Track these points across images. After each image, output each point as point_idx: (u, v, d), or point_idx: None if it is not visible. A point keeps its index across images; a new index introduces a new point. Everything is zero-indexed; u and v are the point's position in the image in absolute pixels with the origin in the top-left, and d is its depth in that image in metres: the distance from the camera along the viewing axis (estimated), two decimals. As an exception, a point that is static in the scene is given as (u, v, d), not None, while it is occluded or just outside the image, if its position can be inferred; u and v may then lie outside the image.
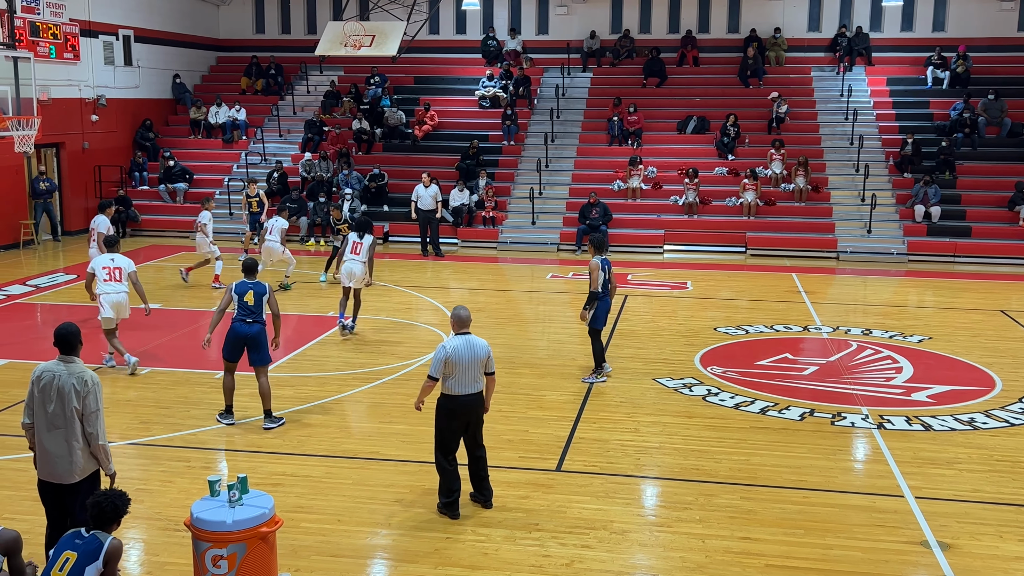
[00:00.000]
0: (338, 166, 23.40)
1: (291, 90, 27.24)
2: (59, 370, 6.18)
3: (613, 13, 27.65)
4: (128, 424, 9.74)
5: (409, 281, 17.63)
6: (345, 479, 8.44)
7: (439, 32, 28.16)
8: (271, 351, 9.93)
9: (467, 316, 7.75)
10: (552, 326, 14.89)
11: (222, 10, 29.22)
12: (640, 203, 22.50)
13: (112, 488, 5.52)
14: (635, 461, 8.96)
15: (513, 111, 24.79)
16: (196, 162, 24.76)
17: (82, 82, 22.81)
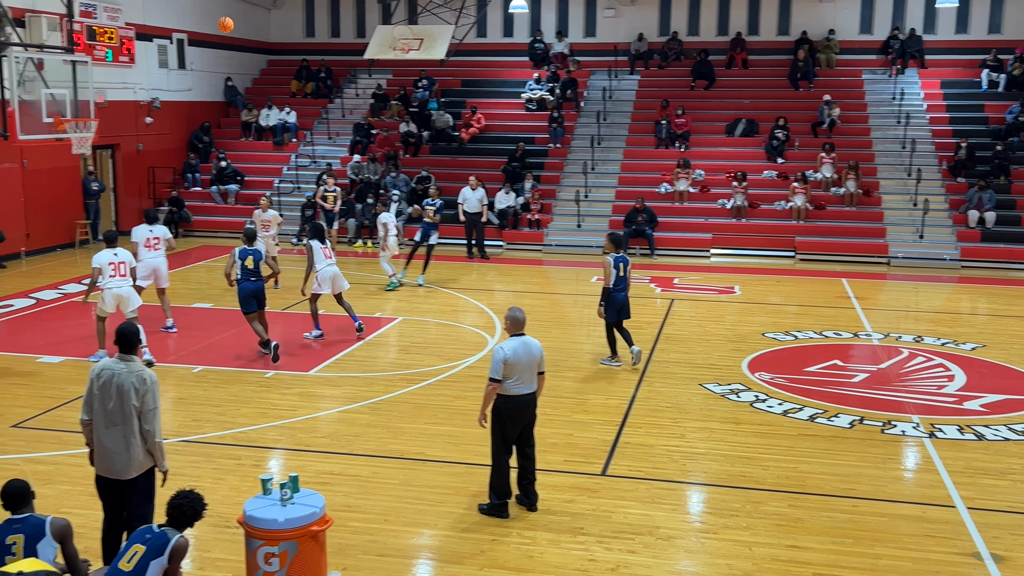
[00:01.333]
0: (386, 168, 23.59)
1: (340, 93, 27.52)
2: (118, 368, 6.32)
3: (661, 15, 27.54)
4: (181, 422, 9.92)
5: (454, 283, 17.72)
6: (392, 479, 8.52)
7: (486, 35, 28.26)
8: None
9: (523, 318, 7.83)
10: (597, 329, 14.82)
11: (273, 14, 29.61)
12: (687, 206, 22.38)
13: (194, 492, 5.64)
14: (681, 467, 8.93)
15: (559, 114, 24.80)
16: (247, 164, 25.11)
17: (137, 85, 23.26)
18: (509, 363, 7.55)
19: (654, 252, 20.94)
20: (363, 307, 15.56)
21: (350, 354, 12.77)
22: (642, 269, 19.48)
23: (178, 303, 15.30)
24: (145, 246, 13.29)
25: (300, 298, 14.59)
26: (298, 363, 12.25)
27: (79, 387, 10.31)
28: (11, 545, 5.36)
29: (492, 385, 7.62)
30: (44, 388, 11.18)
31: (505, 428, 7.71)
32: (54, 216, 20.43)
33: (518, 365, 7.58)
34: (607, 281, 12.08)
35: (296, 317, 14.91)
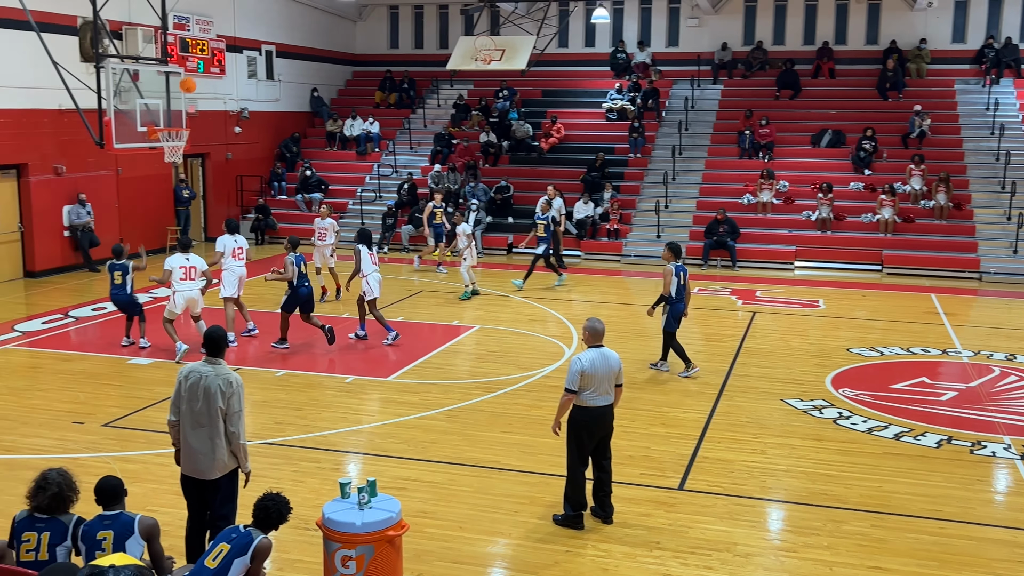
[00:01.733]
0: (465, 178, 23.78)
1: (422, 104, 27.85)
2: (206, 371, 6.49)
3: (746, 24, 27.22)
4: (264, 424, 10.13)
5: (531, 293, 17.74)
6: (467, 487, 8.55)
7: (568, 45, 28.30)
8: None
9: (601, 328, 7.77)
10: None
11: (359, 26, 30.14)
12: (771, 218, 22.03)
13: (281, 495, 5.75)
14: (761, 483, 8.76)
15: (640, 124, 24.67)
16: (331, 173, 25.57)
17: (227, 95, 23.91)
18: (586, 374, 7.50)
19: (736, 264, 20.65)
20: (442, 315, 15.70)
21: (428, 361, 12.88)
22: (723, 281, 19.23)
23: (263, 308, 15.65)
24: (232, 256, 13.59)
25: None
26: (377, 369, 12.40)
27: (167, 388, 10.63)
28: (101, 541, 5.53)
29: (567, 396, 7.58)
30: (134, 389, 11.53)
31: (581, 439, 7.66)
32: (146, 222, 21.10)
33: (595, 376, 7.53)
34: (667, 289, 12.07)
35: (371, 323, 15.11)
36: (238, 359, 12.54)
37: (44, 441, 9.63)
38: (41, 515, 5.60)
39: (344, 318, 15.12)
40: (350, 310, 15.29)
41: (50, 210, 18.77)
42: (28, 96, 17.78)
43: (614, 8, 27.59)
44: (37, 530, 5.56)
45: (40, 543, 5.53)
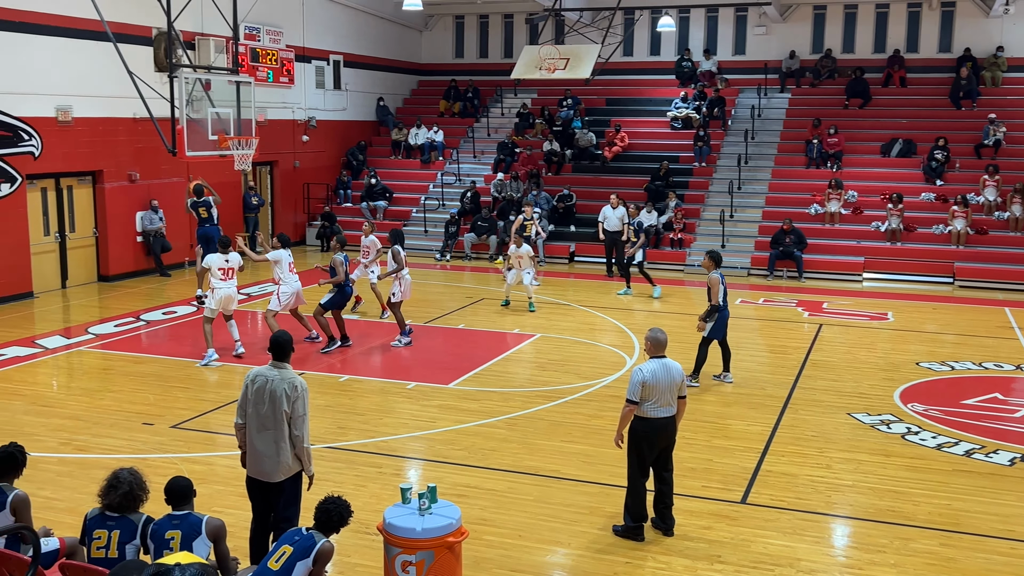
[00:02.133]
0: (528, 186, 23.82)
1: (486, 112, 28.00)
2: (272, 374, 6.60)
3: (815, 32, 26.84)
4: (327, 428, 10.25)
5: (593, 301, 17.69)
6: (527, 495, 8.55)
7: (633, 54, 28.22)
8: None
9: (664, 339, 7.74)
10: (740, 353, 14.49)
11: (424, 35, 30.44)
12: (839, 228, 21.66)
13: (342, 499, 5.82)
14: (826, 498, 8.60)
15: (706, 132, 24.47)
16: (395, 181, 25.84)
17: (295, 104, 24.32)
18: (648, 385, 7.45)
19: (802, 275, 20.34)
20: (502, 323, 15.74)
21: (488, 368, 12.92)
22: (789, 292, 18.96)
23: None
24: (290, 271, 13.52)
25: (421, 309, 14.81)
26: (439, 376, 12.48)
27: (233, 392, 10.85)
28: (169, 540, 5.65)
29: (629, 407, 7.53)
30: (201, 392, 11.78)
31: (642, 451, 7.61)
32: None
33: (657, 388, 7.47)
34: (716, 299, 11.97)
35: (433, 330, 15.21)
36: (303, 364, 12.72)
37: (114, 441, 9.87)
38: (112, 513, 5.74)
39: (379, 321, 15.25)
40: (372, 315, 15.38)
41: (124, 216, 19.29)
42: (104, 105, 18.31)
43: (680, 16, 27.43)
44: (108, 528, 5.70)
45: (111, 541, 5.67)
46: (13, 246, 16.81)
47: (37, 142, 17.15)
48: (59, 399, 11.51)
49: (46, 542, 6.02)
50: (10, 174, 16.66)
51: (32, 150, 17.09)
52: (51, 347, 13.86)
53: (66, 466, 9.15)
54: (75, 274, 18.57)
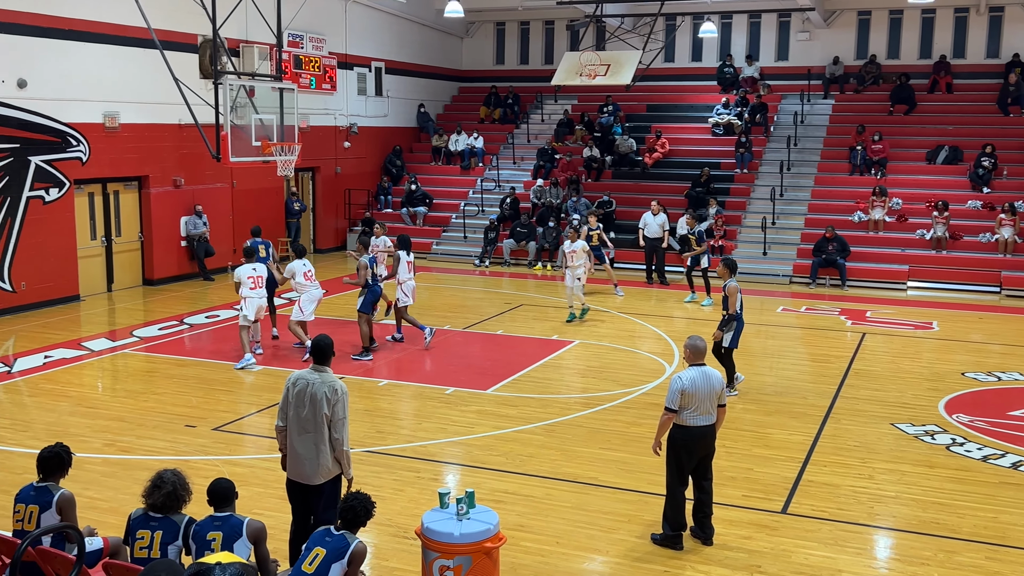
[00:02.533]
0: (567, 193, 23.80)
1: (526, 119, 28.03)
2: (313, 378, 6.65)
3: (859, 38, 26.54)
4: (366, 432, 10.31)
5: (632, 308, 17.61)
6: (564, 502, 8.52)
7: (674, 60, 28.10)
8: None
9: (704, 347, 7.70)
10: (781, 361, 14.39)
11: (465, 42, 30.56)
12: (883, 236, 21.37)
13: (362, 492, 5.85)
14: (868, 509, 8.48)
15: (748, 138, 24.29)
16: (435, 187, 25.95)
17: (337, 111, 24.53)
18: (687, 393, 7.40)
19: (845, 283, 20.10)
20: (541, 329, 15.72)
21: (527, 375, 12.91)
22: (832, 301, 18.75)
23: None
24: (305, 279, 13.52)
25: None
26: (477, 381, 12.49)
27: (274, 395, 10.94)
28: (211, 541, 5.70)
29: (667, 415, 7.48)
30: (243, 395, 11.90)
31: (681, 459, 7.56)
32: (258, 233, 21.75)
33: (696, 396, 7.42)
34: (733, 307, 11.78)
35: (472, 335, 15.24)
36: (342, 369, 12.80)
37: (158, 443, 10.01)
38: (155, 514, 5.81)
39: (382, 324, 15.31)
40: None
41: (168, 221, 19.57)
42: (151, 111, 18.61)
43: (722, 22, 27.28)
44: (151, 528, 5.77)
45: (153, 541, 5.73)
46: (61, 250, 17.13)
47: (85, 148, 17.48)
48: (104, 401, 11.70)
49: (90, 541, 6.11)
50: (58, 179, 16.99)
51: (80, 155, 17.42)
52: (97, 349, 14.10)
53: (110, 467, 9.29)
54: (120, 278, 18.88)
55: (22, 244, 16.37)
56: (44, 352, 13.76)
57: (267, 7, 17.45)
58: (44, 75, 16.52)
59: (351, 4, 24.52)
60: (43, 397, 11.67)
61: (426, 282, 19.84)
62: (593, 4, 22.72)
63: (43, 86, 16.50)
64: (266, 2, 17.50)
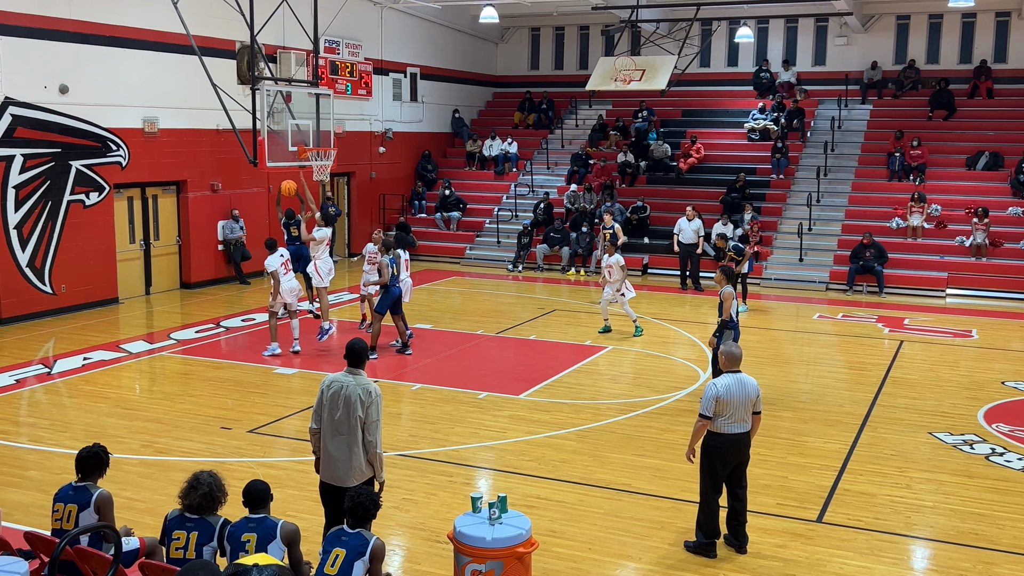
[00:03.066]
0: (601, 198, 23.76)
1: (560, 124, 28.03)
2: (347, 380, 6.69)
3: (897, 43, 26.26)
4: (398, 436, 10.35)
5: (666, 314, 17.53)
6: (597, 508, 8.49)
7: (710, 65, 27.96)
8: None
9: (739, 353, 7.62)
10: (817, 369, 14.26)
11: (500, 47, 30.63)
12: (921, 243, 21.11)
13: (361, 486, 5.88)
14: (905, 519, 8.37)
15: (784, 144, 24.11)
16: (469, 192, 26.02)
17: (372, 116, 24.69)
18: (721, 400, 7.33)
19: (883, 290, 19.86)
20: (573, 335, 15.69)
21: (559, 380, 12.89)
22: (869, 308, 18.54)
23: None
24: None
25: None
26: (509, 386, 12.50)
27: (309, 398, 11.01)
28: (245, 543, 5.75)
29: (702, 421, 7.42)
30: (278, 397, 11.99)
31: (715, 466, 7.50)
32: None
33: (731, 403, 7.34)
34: (727, 314, 11.45)
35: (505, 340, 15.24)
36: (375, 372, 12.86)
37: (194, 445, 10.11)
38: (191, 515, 5.87)
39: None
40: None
41: (206, 225, 19.79)
42: (189, 116, 18.84)
43: (758, 27, 27.11)
44: (187, 529, 5.83)
45: (189, 542, 5.79)
46: (100, 253, 17.38)
47: (125, 152, 17.73)
48: (141, 402, 11.84)
49: (127, 541, 6.18)
50: (98, 183, 17.25)
51: (120, 160, 17.67)
52: (135, 352, 14.28)
53: (147, 468, 9.40)
54: (158, 281, 19.12)
55: (62, 247, 16.62)
56: (83, 354, 13.96)
57: (304, 14, 17.60)
58: (86, 81, 16.79)
59: (387, 10, 24.68)
60: (82, 398, 11.84)
61: (459, 287, 19.93)
62: (629, 9, 22.67)
63: (84, 92, 16.77)
64: (303, 9, 17.65)
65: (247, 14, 15.72)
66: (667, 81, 21.34)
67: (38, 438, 10.29)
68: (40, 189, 16.20)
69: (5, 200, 15.64)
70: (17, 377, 12.71)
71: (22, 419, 11.15)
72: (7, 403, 11.65)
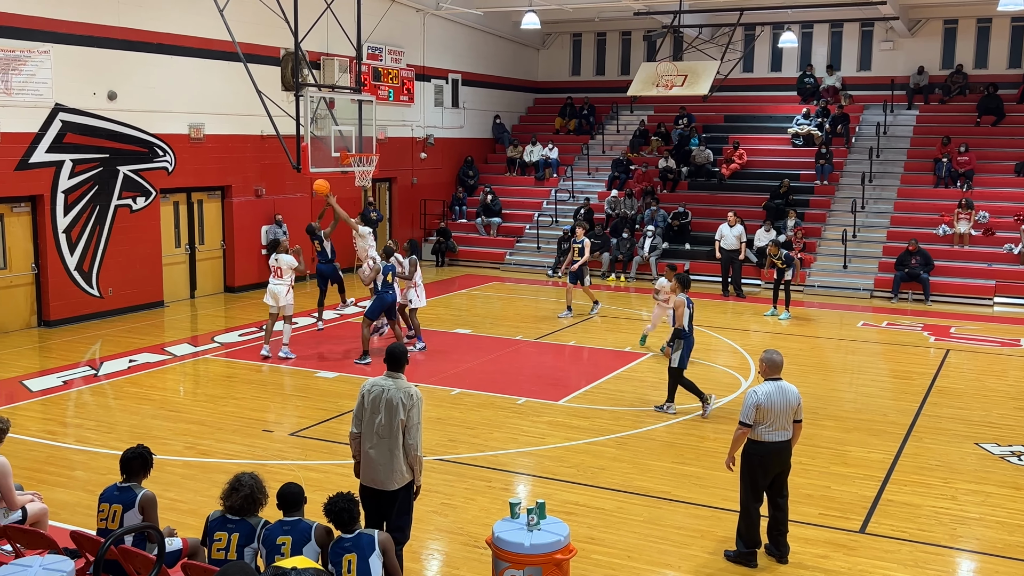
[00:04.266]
0: (643, 204, 23.66)
1: (601, 129, 27.97)
2: (388, 384, 6.72)
3: (945, 47, 25.87)
4: (438, 440, 10.37)
5: (708, 321, 17.38)
6: (636, 516, 8.45)
7: (753, 70, 27.76)
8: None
9: (780, 360, 7.50)
10: (861, 377, 14.07)
11: (541, 53, 30.66)
12: (968, 250, 20.76)
13: (342, 493, 5.93)
14: (950, 531, 8.22)
15: (828, 149, 23.85)
16: (509, 198, 26.05)
17: (414, 122, 24.83)
18: (762, 408, 7.26)
19: (929, 298, 19.56)
20: (614, 340, 15.64)
21: (599, 386, 12.85)
22: (915, 316, 18.26)
23: (440, 328, 16.11)
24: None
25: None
26: (548, 392, 12.48)
27: (349, 402, 11.09)
28: (280, 545, 5.80)
29: (742, 429, 7.35)
30: (319, 401, 12.08)
31: (755, 475, 7.42)
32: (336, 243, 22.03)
33: (772, 411, 7.27)
34: (680, 322, 11.32)
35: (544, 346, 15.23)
36: (412, 376, 12.91)
37: (235, 447, 10.22)
38: (232, 516, 5.93)
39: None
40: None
41: (250, 229, 20.01)
42: (234, 123, 19.09)
43: (802, 32, 26.85)
44: (228, 530, 5.89)
45: (230, 543, 5.85)
46: (147, 257, 17.66)
47: (171, 158, 18.00)
48: (185, 404, 12.00)
49: (170, 542, 6.26)
50: (145, 188, 17.53)
51: (166, 166, 17.94)
52: (179, 354, 14.48)
53: (190, 469, 9.52)
54: (203, 284, 19.37)
55: (110, 251, 16.91)
56: (129, 356, 14.18)
57: (348, 21, 17.76)
58: (133, 88, 17.08)
59: (429, 17, 24.81)
60: (127, 400, 12.02)
61: (499, 292, 19.95)
62: (671, 15, 22.58)
63: (132, 98, 17.06)
64: (347, 16, 17.81)
65: (292, 21, 15.89)
66: (710, 86, 21.22)
67: (84, 439, 10.47)
68: (88, 194, 16.50)
69: (55, 204, 15.95)
70: (65, 378, 12.95)
71: (69, 420, 11.35)
72: (55, 404, 11.87)
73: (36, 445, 10.12)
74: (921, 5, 25.22)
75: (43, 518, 7.00)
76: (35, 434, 10.48)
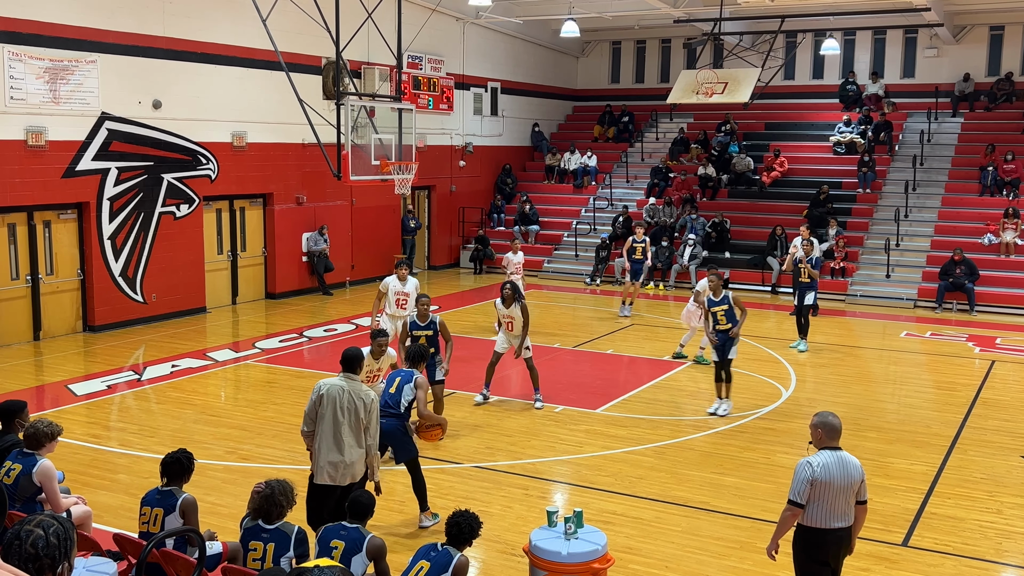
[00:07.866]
0: (682, 211, 23.54)
1: (641, 137, 27.89)
2: (344, 385, 7.11)
3: (990, 54, 25.46)
4: (475, 448, 10.38)
5: (749, 330, 17.17)
6: (674, 526, 8.39)
7: (794, 77, 27.53)
8: None
9: (839, 425, 6.01)
10: (904, 388, 13.86)
11: (581, 61, 30.66)
12: (1015, 260, 20.38)
13: (468, 511, 5.89)
14: (996, 545, 8.06)
15: (871, 158, 23.57)
16: (547, 206, 26.05)
17: (453, 130, 24.93)
18: (818, 482, 5.78)
19: (974, 308, 19.23)
20: (651, 349, 15.55)
21: (637, 395, 12.78)
22: (959, 326, 17.97)
23: (478, 336, 16.12)
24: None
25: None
26: (586, 400, 12.44)
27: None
28: (332, 548, 5.84)
29: (791, 510, 5.88)
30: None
31: (803, 566, 6.04)
32: (376, 250, 22.28)
33: (830, 487, 5.80)
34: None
35: (582, 354, 15.18)
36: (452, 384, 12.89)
37: (276, 452, 10.31)
38: (266, 525, 5.95)
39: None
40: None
41: (291, 237, 20.21)
42: (275, 131, 19.30)
43: (845, 39, 26.58)
44: (263, 540, 5.91)
45: (266, 553, 5.87)
46: (189, 264, 17.89)
47: (214, 166, 18.24)
48: (226, 409, 12.13)
49: (210, 545, 6.31)
50: (189, 196, 17.77)
51: (209, 173, 18.18)
52: (221, 360, 14.64)
53: (231, 473, 9.61)
54: (244, 291, 19.57)
55: (153, 257, 17.16)
56: (171, 361, 14.37)
57: (388, 30, 17.89)
58: (178, 96, 17.33)
59: (469, 26, 24.92)
60: (169, 404, 12.18)
61: (537, 300, 19.93)
62: (711, 22, 22.47)
63: (177, 107, 17.32)
64: (387, 25, 17.94)
65: (333, 31, 16.04)
66: (750, 94, 21.07)
67: (127, 442, 10.62)
68: (133, 201, 16.77)
69: (100, 211, 16.23)
70: (109, 383, 13.15)
71: (112, 424, 11.52)
72: (99, 408, 12.06)
73: (80, 448, 10.28)
74: (967, 11, 24.85)
75: (87, 521, 7.10)
76: (80, 437, 10.65)
